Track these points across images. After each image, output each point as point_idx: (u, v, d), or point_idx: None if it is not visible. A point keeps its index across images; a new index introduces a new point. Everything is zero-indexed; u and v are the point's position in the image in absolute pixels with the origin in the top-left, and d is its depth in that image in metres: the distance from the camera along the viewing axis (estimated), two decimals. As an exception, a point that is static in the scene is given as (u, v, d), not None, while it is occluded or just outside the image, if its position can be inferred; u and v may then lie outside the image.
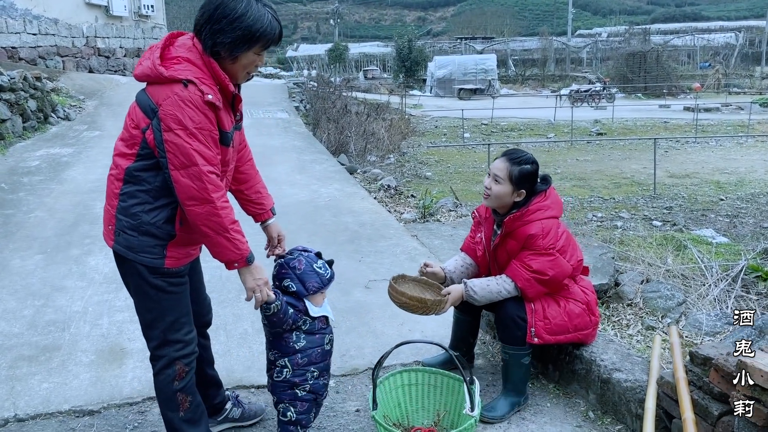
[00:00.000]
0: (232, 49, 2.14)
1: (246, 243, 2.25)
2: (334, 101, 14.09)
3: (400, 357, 3.44)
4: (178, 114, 2.06)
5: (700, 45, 45.61)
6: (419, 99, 30.48)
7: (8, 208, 6.01)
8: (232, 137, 2.29)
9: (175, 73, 2.09)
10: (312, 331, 2.50)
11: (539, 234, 2.79)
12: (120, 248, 2.23)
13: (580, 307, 2.93)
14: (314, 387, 2.53)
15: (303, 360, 2.48)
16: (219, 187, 2.14)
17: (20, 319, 3.85)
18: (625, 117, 21.48)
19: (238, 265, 2.25)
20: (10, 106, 8.94)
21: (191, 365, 2.40)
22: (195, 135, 2.08)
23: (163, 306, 2.29)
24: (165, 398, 2.39)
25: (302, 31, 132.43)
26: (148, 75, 2.14)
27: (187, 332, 2.37)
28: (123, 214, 2.21)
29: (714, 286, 4.74)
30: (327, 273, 2.51)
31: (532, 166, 2.87)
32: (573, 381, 3.08)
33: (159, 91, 2.11)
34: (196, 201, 2.11)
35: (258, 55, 2.21)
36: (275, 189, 7.05)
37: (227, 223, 2.15)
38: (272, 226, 2.67)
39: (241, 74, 2.24)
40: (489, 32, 72.19)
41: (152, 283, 2.25)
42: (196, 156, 2.07)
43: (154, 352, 2.36)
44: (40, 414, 2.95)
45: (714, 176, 11.08)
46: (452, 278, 3.11)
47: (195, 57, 2.15)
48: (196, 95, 2.08)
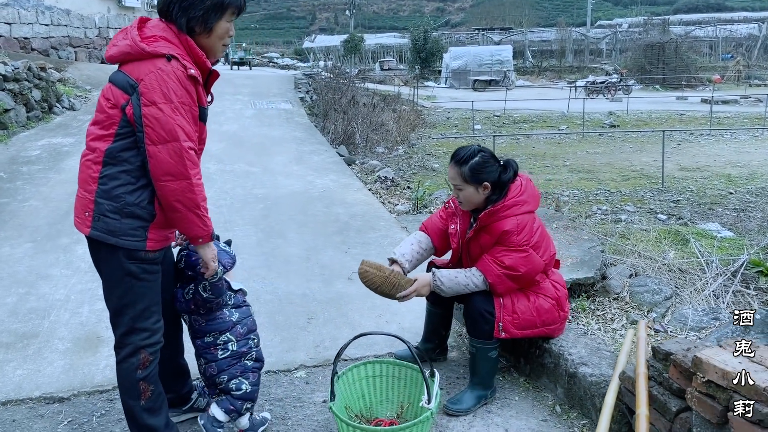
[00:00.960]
0: (206, 20, 2.16)
1: (210, 219, 2.29)
2: (344, 92, 14.06)
3: (374, 349, 3.42)
4: (163, 88, 2.07)
5: (722, 36, 44.79)
6: (433, 90, 30.33)
7: (4, 196, 6.08)
8: (207, 114, 2.33)
9: (158, 48, 2.11)
10: (238, 305, 2.62)
11: (514, 230, 2.74)
12: (99, 234, 2.21)
13: (549, 303, 2.88)
14: (258, 354, 2.64)
15: (243, 329, 2.59)
16: (196, 163, 2.17)
17: (2, 307, 3.88)
18: (641, 109, 21.18)
19: (203, 240, 2.28)
20: (14, 95, 9.03)
21: (155, 355, 2.40)
22: (178, 109, 2.09)
23: (135, 293, 2.29)
24: (127, 386, 2.39)
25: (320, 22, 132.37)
26: (127, 53, 2.14)
27: (155, 321, 2.37)
28: (104, 197, 2.19)
29: (712, 280, 4.66)
30: (232, 251, 2.62)
31: (480, 157, 2.79)
32: (543, 375, 3.04)
33: (139, 67, 2.12)
34: (173, 176, 2.11)
35: (230, 23, 2.24)
36: (270, 179, 7.06)
37: (200, 200, 2.19)
38: None
39: (218, 46, 2.28)
40: (507, 23, 71.61)
41: (128, 269, 2.24)
42: (178, 131, 2.09)
43: (120, 340, 2.36)
44: (11, 400, 2.97)
45: (725, 169, 10.88)
46: (407, 269, 3.03)
47: (171, 36, 2.17)
48: (179, 70, 2.10)
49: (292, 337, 3.56)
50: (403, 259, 3.02)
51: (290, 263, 4.60)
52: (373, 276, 2.83)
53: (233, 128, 10.17)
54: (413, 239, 3.13)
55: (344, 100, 13.44)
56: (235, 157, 8.01)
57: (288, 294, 4.12)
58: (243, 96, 13.69)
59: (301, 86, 15.32)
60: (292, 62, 49.53)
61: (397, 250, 3.07)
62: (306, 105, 13.56)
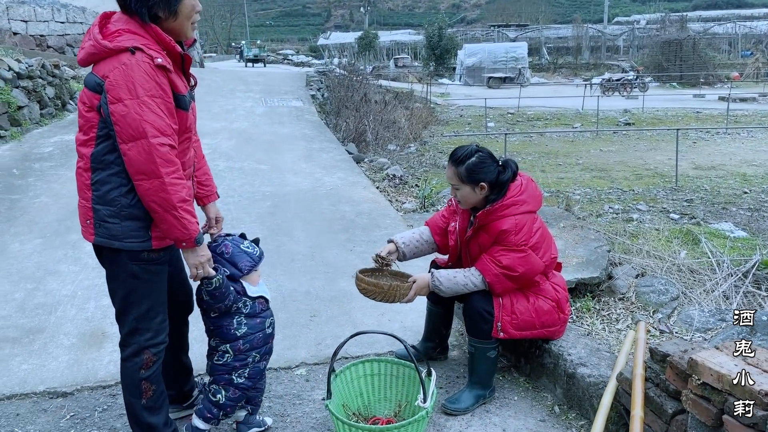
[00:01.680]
0: (169, 4, 2.10)
1: (195, 223, 2.19)
2: (357, 89, 14.07)
3: (375, 347, 3.43)
4: (128, 83, 2.01)
5: (741, 32, 44.16)
6: (447, 87, 30.25)
7: (16, 193, 6.17)
8: (190, 100, 2.25)
9: (120, 43, 2.05)
10: (253, 314, 2.49)
11: (512, 230, 2.72)
12: (104, 240, 2.19)
13: (549, 304, 2.87)
14: (253, 372, 2.53)
15: (245, 346, 2.49)
16: (170, 162, 2.07)
17: (11, 302, 3.94)
18: (657, 107, 20.97)
19: (186, 245, 2.20)
20: (27, 93, 9.15)
21: (159, 356, 2.41)
22: (146, 103, 2.02)
23: (139, 294, 2.28)
24: (130, 384, 2.41)
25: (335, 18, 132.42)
26: (92, 53, 2.10)
27: (160, 321, 2.37)
28: (100, 203, 2.17)
29: (723, 281, 4.61)
30: (255, 251, 2.52)
31: (476, 157, 2.77)
32: (542, 375, 3.03)
33: (104, 65, 2.07)
34: (145, 175, 2.05)
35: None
36: (279, 177, 7.09)
37: (175, 200, 2.08)
38: (211, 206, 2.68)
39: (187, 26, 2.20)
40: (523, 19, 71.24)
41: (131, 270, 2.23)
42: (146, 126, 2.01)
43: (124, 338, 2.37)
44: (16, 394, 3.02)
45: (741, 168, 10.74)
46: (404, 252, 3.08)
47: (135, 26, 2.10)
48: (144, 62, 2.03)
49: (294, 335, 3.58)
50: (400, 242, 3.08)
51: (295, 261, 4.62)
52: (372, 293, 2.88)
53: (244, 125, 10.22)
54: (415, 230, 3.21)
55: (356, 98, 13.46)
56: (244, 154, 8.06)
57: (292, 291, 4.14)
58: (254, 93, 13.74)
59: (312, 84, 15.36)
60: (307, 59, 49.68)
61: (398, 235, 3.16)
62: (317, 102, 13.59)
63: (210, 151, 7.89)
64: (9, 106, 8.51)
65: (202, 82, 14.30)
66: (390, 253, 3.06)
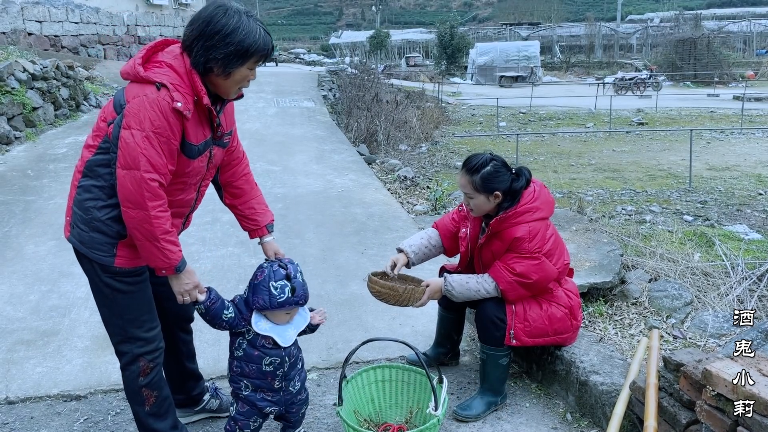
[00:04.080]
0: (226, 65, 2.12)
1: (177, 252, 2.19)
2: (368, 89, 14.06)
3: (387, 352, 3.43)
4: (141, 114, 2.05)
5: (756, 31, 43.69)
6: (459, 86, 30.18)
7: (31, 194, 6.22)
8: (201, 152, 2.25)
9: (152, 75, 2.10)
10: (253, 344, 2.38)
11: (525, 237, 2.71)
12: (74, 241, 2.25)
13: (562, 311, 2.85)
14: (250, 398, 2.44)
15: (237, 369, 2.43)
16: (158, 196, 2.11)
17: (25, 304, 3.98)
18: (670, 106, 20.81)
19: (166, 272, 2.22)
20: (42, 94, 9.22)
21: (156, 362, 2.40)
22: (149, 138, 2.06)
23: (119, 305, 2.29)
24: (131, 392, 2.43)
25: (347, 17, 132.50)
26: (128, 72, 2.17)
27: (148, 329, 2.35)
28: (77, 207, 2.22)
29: (737, 284, 4.56)
30: (280, 297, 2.32)
31: (491, 166, 2.75)
32: (554, 382, 3.01)
33: (132, 90, 2.13)
34: (132, 204, 2.09)
35: (251, 70, 2.20)
36: (290, 178, 7.10)
37: (158, 233, 2.12)
38: (268, 244, 2.60)
39: (233, 89, 2.24)
40: (536, 18, 70.93)
41: (104, 281, 2.25)
42: (141, 160, 2.05)
43: (116, 347, 2.39)
44: (30, 397, 3.05)
45: (756, 169, 10.64)
46: (413, 261, 3.07)
47: (178, 64, 2.14)
48: (165, 100, 2.07)
49: (305, 339, 3.52)
50: (409, 250, 3.07)
51: (306, 264, 4.62)
52: (386, 296, 2.89)
53: (255, 126, 10.24)
54: (423, 234, 3.18)
55: (368, 97, 13.46)
56: (256, 155, 8.05)
57: (303, 295, 4.13)
58: (266, 94, 13.77)
59: (324, 84, 15.37)
60: (319, 58, 49.72)
61: (405, 242, 3.13)
62: (329, 103, 13.60)
63: (222, 152, 7.79)
64: (24, 107, 8.59)
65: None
66: (399, 261, 3.04)
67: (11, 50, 10.32)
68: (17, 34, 13.22)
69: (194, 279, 2.29)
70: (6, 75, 8.50)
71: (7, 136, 7.97)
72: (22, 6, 13.62)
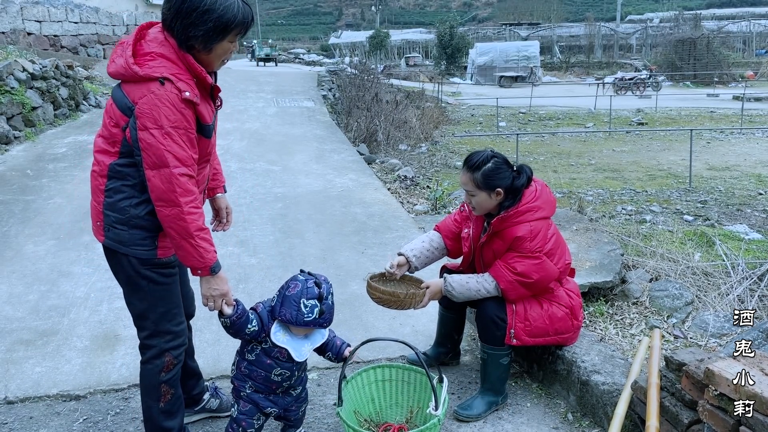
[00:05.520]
0: (207, 41, 2.12)
1: (212, 252, 2.20)
2: (368, 89, 14.05)
3: (387, 351, 3.42)
4: (155, 113, 2.05)
5: (756, 31, 43.71)
6: (458, 86, 30.17)
7: (30, 194, 6.21)
8: (213, 127, 2.30)
9: (150, 71, 2.08)
10: (267, 353, 2.38)
11: (527, 236, 2.70)
12: (112, 243, 2.24)
13: (563, 311, 2.84)
14: (251, 397, 2.44)
15: (245, 370, 2.43)
16: (189, 191, 2.11)
17: (24, 304, 3.97)
18: (670, 106, 20.82)
19: (201, 273, 2.22)
20: (41, 93, 9.21)
21: (179, 358, 2.42)
22: (170, 134, 2.06)
23: (155, 297, 2.31)
24: (149, 387, 2.41)
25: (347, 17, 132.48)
26: (122, 74, 2.13)
27: (178, 323, 2.39)
28: (110, 209, 2.21)
29: (737, 284, 4.56)
30: (308, 316, 2.31)
31: (492, 163, 2.74)
32: (555, 381, 3.00)
33: (135, 90, 2.10)
34: (165, 202, 2.10)
35: (232, 43, 2.19)
36: (290, 178, 7.09)
37: (192, 230, 2.12)
38: (220, 199, 2.71)
39: (217, 63, 2.24)
40: (535, 18, 70.95)
41: (144, 274, 2.26)
42: (168, 157, 2.06)
43: (145, 342, 2.38)
44: (29, 397, 3.04)
45: (756, 169, 10.64)
46: (416, 265, 3.04)
47: (169, 51, 2.12)
48: (173, 93, 2.06)
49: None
50: (411, 254, 3.04)
51: (306, 263, 4.61)
52: (387, 302, 2.87)
53: (255, 126, 10.22)
54: (425, 237, 3.15)
55: (368, 97, 13.44)
56: (256, 155, 8.07)
57: (303, 295, 4.13)
58: (266, 94, 13.75)
59: (324, 84, 15.35)
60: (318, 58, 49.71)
61: (406, 246, 3.10)
62: (328, 103, 13.59)
63: (222, 152, 7.89)
64: (23, 107, 8.58)
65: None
66: (400, 266, 3.01)
67: (11, 50, 10.32)
68: (17, 34, 13.21)
69: (224, 287, 2.27)
70: (5, 75, 8.50)
71: (6, 135, 7.96)
72: (22, 6, 13.61)
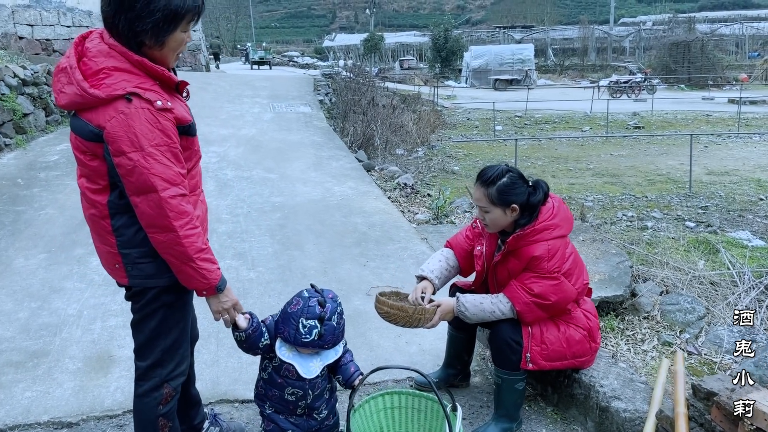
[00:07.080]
0: (157, 34, 1.89)
1: (215, 270, 2.06)
2: (364, 92, 13.92)
3: (394, 373, 3.29)
4: (130, 135, 1.84)
5: (749, 34, 43.88)
6: (453, 90, 30.10)
7: (21, 204, 6.02)
8: (194, 122, 2.12)
9: (111, 90, 1.85)
10: (277, 371, 2.30)
11: (544, 256, 2.57)
12: (140, 281, 2.07)
13: (580, 334, 2.72)
14: (272, 418, 2.37)
15: (261, 390, 2.37)
16: (182, 213, 1.93)
17: (14, 322, 3.80)
18: (666, 109, 20.81)
19: (207, 293, 2.09)
20: (33, 100, 9.00)
21: (178, 390, 2.29)
22: (152, 155, 1.86)
23: (169, 323, 2.17)
24: (145, 421, 2.26)
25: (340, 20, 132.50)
26: (79, 102, 1.88)
27: (184, 350, 2.26)
28: (129, 246, 2.03)
29: (745, 294, 4.47)
30: (305, 337, 2.21)
31: (507, 178, 2.61)
32: (572, 406, 2.88)
33: (98, 115, 1.87)
34: (157, 228, 1.93)
35: (185, 33, 1.98)
36: (288, 186, 6.95)
37: (192, 252, 1.96)
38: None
39: (171, 57, 2.01)
40: (529, 21, 71.07)
41: (164, 301, 2.11)
42: (155, 180, 1.87)
43: (146, 371, 2.23)
44: (19, 425, 2.88)
45: (755, 174, 10.59)
46: (437, 287, 2.91)
47: (121, 62, 1.90)
48: (144, 108, 1.86)
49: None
50: (432, 275, 2.90)
51: (307, 277, 4.47)
52: (395, 317, 2.75)
53: (251, 132, 10.06)
54: (441, 256, 3.01)
55: (364, 101, 13.31)
56: (252, 162, 7.90)
57: (304, 311, 3.99)
58: (262, 99, 13.60)
59: (320, 88, 15.21)
60: (312, 61, 49.62)
61: (426, 267, 2.95)
62: (325, 108, 13.45)
63: (218, 159, 7.78)
64: (14, 113, 8.38)
65: (208, 87, 14.11)
66: (425, 290, 2.85)
67: (1, 55, 10.12)
68: (8, 39, 13.01)
69: (232, 296, 2.17)
70: (-4, 81, 8.31)
71: (-4, 143, 7.78)
72: (13, 9, 13.41)
